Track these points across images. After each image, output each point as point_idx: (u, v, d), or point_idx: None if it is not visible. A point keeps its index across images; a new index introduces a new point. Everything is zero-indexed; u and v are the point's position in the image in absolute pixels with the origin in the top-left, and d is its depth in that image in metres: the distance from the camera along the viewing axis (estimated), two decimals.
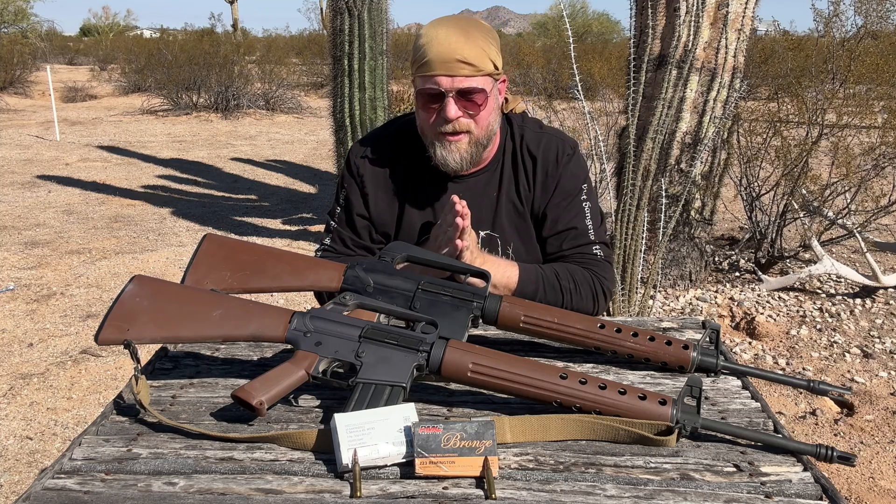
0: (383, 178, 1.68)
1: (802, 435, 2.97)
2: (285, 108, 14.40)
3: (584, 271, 1.62)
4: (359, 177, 1.69)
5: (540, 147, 1.67)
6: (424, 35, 1.53)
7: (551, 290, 1.58)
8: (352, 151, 1.73)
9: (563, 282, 1.59)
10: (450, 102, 1.51)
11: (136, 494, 0.96)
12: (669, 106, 3.88)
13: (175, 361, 1.40)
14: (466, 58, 1.49)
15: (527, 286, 1.56)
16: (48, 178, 8.21)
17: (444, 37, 1.50)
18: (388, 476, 1.00)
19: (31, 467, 2.79)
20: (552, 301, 1.56)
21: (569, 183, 1.67)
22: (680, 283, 4.60)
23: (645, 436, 1.07)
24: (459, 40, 1.50)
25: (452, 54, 1.49)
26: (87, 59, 24.12)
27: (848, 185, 4.88)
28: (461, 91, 1.51)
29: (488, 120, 1.58)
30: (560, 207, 1.66)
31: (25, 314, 4.33)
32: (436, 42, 1.50)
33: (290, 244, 5.81)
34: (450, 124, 1.54)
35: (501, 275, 1.55)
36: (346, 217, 1.71)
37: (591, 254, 1.66)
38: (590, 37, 29.16)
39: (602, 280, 1.63)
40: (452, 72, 1.50)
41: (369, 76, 5.34)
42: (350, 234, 1.71)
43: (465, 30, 1.52)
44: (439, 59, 1.49)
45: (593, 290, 1.61)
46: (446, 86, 1.51)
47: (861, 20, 5.03)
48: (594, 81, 8.28)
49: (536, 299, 1.54)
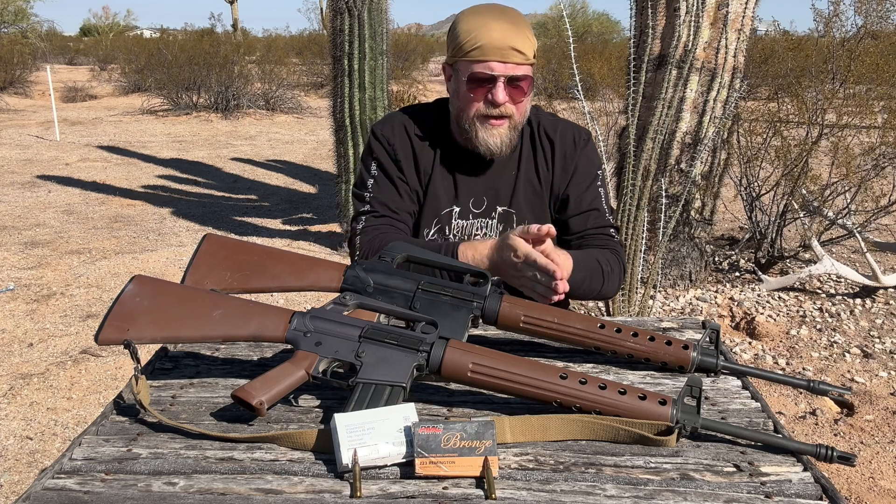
0: (411, 150, 1.72)
1: (802, 435, 2.97)
2: (285, 108, 14.40)
3: (612, 254, 1.68)
4: (390, 145, 1.71)
5: (557, 132, 1.73)
6: (473, 22, 1.58)
7: (595, 276, 1.63)
8: (376, 126, 1.75)
9: (603, 266, 1.64)
10: (500, 87, 1.57)
11: (136, 494, 0.96)
12: (669, 106, 3.88)
13: (175, 361, 1.40)
14: (519, 46, 1.56)
15: (576, 274, 1.57)
16: (48, 178, 8.21)
17: (498, 26, 1.56)
18: (388, 476, 1.00)
19: (31, 467, 2.79)
20: (596, 285, 1.63)
21: (586, 167, 1.73)
22: (680, 283, 4.60)
23: (645, 436, 1.07)
24: (512, 29, 1.56)
25: (507, 41, 1.55)
26: (87, 59, 24.09)
27: (848, 185, 4.88)
28: (511, 77, 1.57)
29: (527, 107, 1.66)
30: (581, 188, 1.72)
31: (25, 314, 4.33)
32: (488, 29, 1.56)
33: (290, 244, 5.81)
34: (497, 108, 1.59)
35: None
36: (385, 180, 1.70)
37: (611, 236, 1.73)
38: (590, 37, 29.16)
39: (624, 262, 1.72)
40: (506, 59, 1.56)
41: (369, 76, 5.33)
42: (392, 196, 1.70)
43: (514, 20, 1.58)
44: (494, 46, 1.55)
45: (621, 271, 1.69)
46: (499, 71, 1.56)
47: (861, 20, 5.03)
48: (594, 81, 8.28)
49: (583, 286, 1.60)
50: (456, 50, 1.60)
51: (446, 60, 1.66)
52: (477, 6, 1.63)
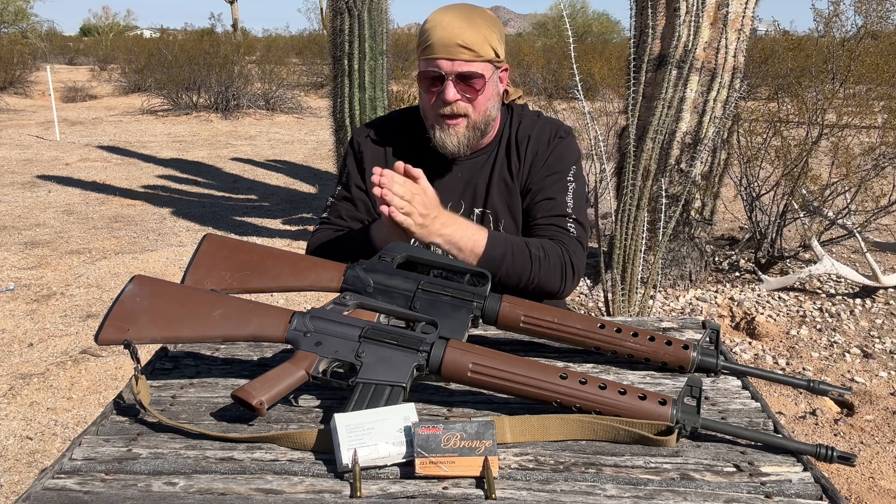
0: (383, 157, 1.72)
1: (802, 435, 2.97)
2: (285, 108, 14.40)
3: (555, 245, 1.60)
4: (359, 153, 1.74)
5: (535, 129, 1.72)
6: (430, 20, 1.59)
7: (520, 256, 1.55)
8: (355, 132, 1.79)
9: (532, 249, 1.56)
10: (449, 85, 1.56)
11: (136, 494, 0.96)
12: (669, 106, 3.88)
13: (175, 361, 1.40)
14: (467, 43, 1.54)
15: (494, 250, 1.53)
16: (48, 178, 8.21)
17: (448, 22, 1.55)
18: (388, 476, 1.00)
19: (31, 467, 2.79)
20: (520, 268, 1.54)
21: (556, 161, 1.69)
22: (680, 283, 4.60)
23: (645, 436, 1.07)
24: (462, 25, 1.54)
25: (454, 39, 1.54)
26: (87, 59, 24.10)
27: (848, 185, 4.88)
28: (460, 75, 1.56)
29: (486, 105, 1.62)
30: (543, 181, 1.68)
31: (25, 314, 4.33)
32: (439, 27, 1.55)
33: (290, 244, 5.81)
34: (448, 107, 1.58)
35: (468, 238, 1.52)
36: (345, 190, 1.75)
37: (565, 227, 1.63)
38: (590, 37, 29.16)
39: (572, 255, 1.60)
40: (453, 55, 1.55)
41: (369, 76, 5.34)
42: (347, 206, 1.74)
43: (468, 16, 1.57)
44: (441, 43, 1.54)
45: (563, 264, 1.58)
46: (446, 69, 1.55)
47: (861, 20, 5.03)
48: (594, 81, 8.27)
49: (504, 265, 1.53)
50: (417, 48, 1.62)
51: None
52: (445, 5, 1.62)
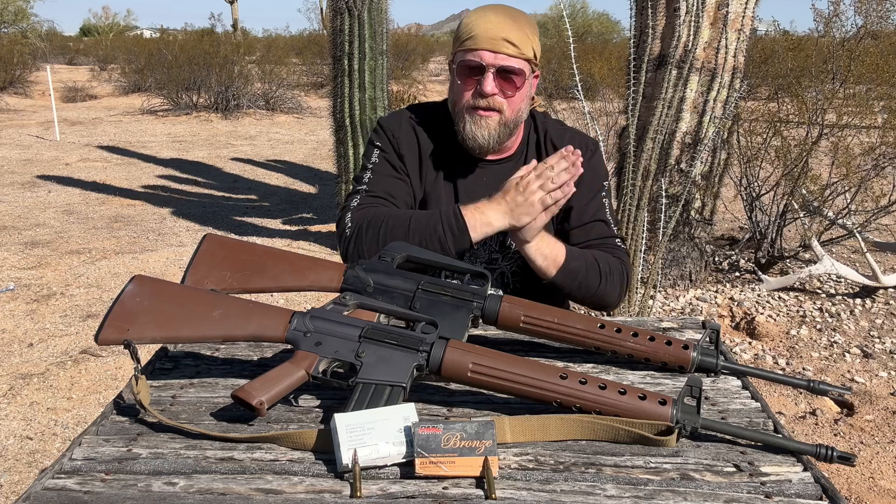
0: (417, 148, 1.70)
1: (802, 435, 2.97)
2: (285, 108, 14.40)
3: (616, 260, 1.66)
4: (395, 139, 1.70)
5: (564, 141, 1.70)
6: (473, 14, 1.60)
7: (593, 270, 1.60)
8: (383, 120, 1.74)
9: (602, 265, 1.61)
10: (488, 77, 1.56)
11: (136, 494, 0.96)
12: (669, 106, 3.88)
13: (175, 361, 1.40)
14: (512, 38, 1.55)
15: (572, 262, 1.57)
16: (48, 178, 8.21)
17: (494, 17, 1.57)
18: (388, 476, 1.00)
19: (31, 467, 2.79)
20: (592, 282, 1.59)
21: (592, 178, 1.70)
22: (680, 283, 4.60)
23: (645, 436, 1.07)
24: (507, 21, 1.56)
25: (499, 32, 1.55)
26: (87, 59, 24.08)
27: (848, 185, 4.88)
28: (501, 69, 1.56)
29: (520, 105, 1.63)
30: (584, 200, 1.69)
31: (25, 314, 4.33)
32: (484, 20, 1.57)
33: (290, 244, 5.81)
34: (485, 99, 1.58)
35: (553, 248, 1.56)
36: (384, 170, 1.67)
37: (616, 245, 1.70)
38: (590, 37, 29.13)
39: (629, 270, 1.69)
40: (497, 48, 1.55)
41: (369, 76, 5.33)
42: (391, 185, 1.66)
43: (513, 15, 1.59)
44: (486, 36, 1.55)
45: (623, 279, 1.65)
46: (489, 60, 1.56)
47: (861, 20, 5.04)
48: (594, 81, 8.28)
49: (579, 277, 1.58)
50: (455, 41, 1.62)
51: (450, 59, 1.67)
52: (486, 4, 1.64)
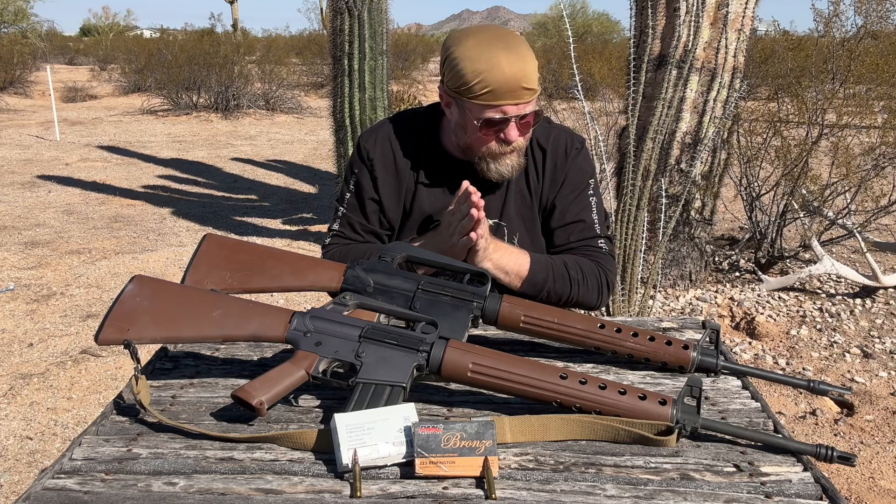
0: (393, 164, 1.70)
1: (802, 435, 2.97)
2: (285, 108, 14.40)
3: (591, 263, 1.65)
4: (369, 160, 1.70)
5: (549, 140, 1.70)
6: (477, 60, 1.50)
7: (560, 279, 1.60)
8: (362, 137, 1.75)
9: (571, 272, 1.61)
10: (513, 127, 1.55)
11: (136, 494, 0.96)
12: (669, 106, 3.88)
13: (175, 361, 1.40)
14: (529, 84, 1.51)
15: (537, 274, 1.58)
16: (48, 178, 8.21)
17: (506, 63, 1.49)
18: (388, 476, 1.00)
19: (31, 467, 2.79)
20: (561, 291, 1.60)
21: (577, 176, 1.69)
22: (680, 283, 4.60)
23: (645, 436, 1.07)
24: (519, 64, 1.50)
25: (518, 82, 1.50)
26: (87, 59, 24.09)
27: (848, 185, 4.88)
28: (523, 115, 1.54)
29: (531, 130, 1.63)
30: (568, 199, 1.69)
31: (25, 314, 4.33)
32: (497, 69, 1.48)
33: (290, 244, 5.81)
34: (510, 146, 1.57)
35: (514, 262, 1.57)
36: (356, 201, 1.72)
37: (597, 247, 1.69)
38: (590, 37, 29.14)
39: (607, 273, 1.67)
40: (519, 99, 1.52)
41: (369, 76, 5.34)
42: (359, 219, 1.72)
43: (516, 50, 1.51)
44: (506, 88, 1.50)
45: (599, 282, 1.64)
46: (513, 113, 1.53)
47: (861, 20, 5.03)
48: (594, 81, 8.28)
49: (546, 288, 1.58)
50: (462, 88, 1.52)
51: (445, 89, 1.58)
52: (476, 35, 1.54)
